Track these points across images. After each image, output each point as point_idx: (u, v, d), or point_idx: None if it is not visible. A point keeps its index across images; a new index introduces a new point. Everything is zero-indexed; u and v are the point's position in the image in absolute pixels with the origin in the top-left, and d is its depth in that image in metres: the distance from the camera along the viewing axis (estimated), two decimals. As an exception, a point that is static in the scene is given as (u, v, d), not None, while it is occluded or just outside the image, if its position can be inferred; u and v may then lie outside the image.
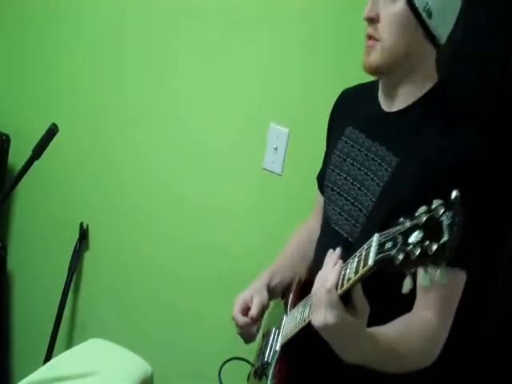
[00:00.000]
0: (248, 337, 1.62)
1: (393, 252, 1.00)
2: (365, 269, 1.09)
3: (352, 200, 1.49)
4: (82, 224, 2.60)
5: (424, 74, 1.42)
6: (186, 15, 2.26)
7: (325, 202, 1.61)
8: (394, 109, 1.45)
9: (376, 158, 1.44)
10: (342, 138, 1.56)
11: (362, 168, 1.48)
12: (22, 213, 2.83)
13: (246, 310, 1.61)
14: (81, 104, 2.59)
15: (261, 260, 1.81)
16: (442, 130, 1.37)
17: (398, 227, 1.02)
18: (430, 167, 1.33)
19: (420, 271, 0.98)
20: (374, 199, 1.42)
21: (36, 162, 1.69)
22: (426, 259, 0.95)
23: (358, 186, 1.47)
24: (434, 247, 0.94)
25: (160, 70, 2.37)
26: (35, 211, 2.79)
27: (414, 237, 0.98)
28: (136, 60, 2.42)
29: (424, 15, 1.34)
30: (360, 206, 1.46)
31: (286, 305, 1.63)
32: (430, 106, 1.41)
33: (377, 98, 1.51)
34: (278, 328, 1.60)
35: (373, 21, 1.37)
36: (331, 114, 1.69)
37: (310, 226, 1.81)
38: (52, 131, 1.70)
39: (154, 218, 2.45)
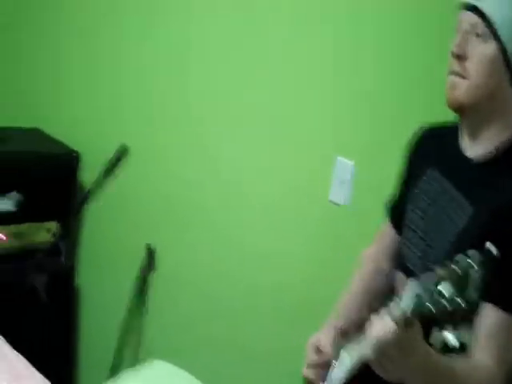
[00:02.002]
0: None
1: (429, 304, 1.03)
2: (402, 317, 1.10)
3: (429, 241, 1.48)
4: (149, 245, 2.62)
5: (506, 120, 1.41)
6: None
7: (403, 242, 1.59)
8: (476, 154, 1.44)
9: (455, 204, 1.44)
10: (424, 178, 1.55)
11: (441, 212, 1.47)
12: (90, 231, 2.87)
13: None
14: (151, 123, 2.62)
15: (326, 294, 1.78)
16: None
17: (433, 277, 1.04)
18: (501, 217, 1.33)
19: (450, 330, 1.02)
20: (451, 241, 1.41)
21: (105, 181, 1.72)
22: (457, 316, 0.99)
23: (436, 228, 1.46)
24: (464, 305, 0.98)
25: (230, 89, 2.38)
26: (103, 230, 2.82)
27: (448, 291, 1.01)
28: (201, 80, 2.44)
29: None
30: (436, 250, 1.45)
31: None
32: (509, 156, 1.40)
33: (458, 141, 1.50)
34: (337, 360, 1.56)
35: (461, 58, 1.36)
36: (411, 150, 1.66)
37: (371, 254, 1.76)
38: (122, 152, 1.72)
39: (221, 244, 2.43)
